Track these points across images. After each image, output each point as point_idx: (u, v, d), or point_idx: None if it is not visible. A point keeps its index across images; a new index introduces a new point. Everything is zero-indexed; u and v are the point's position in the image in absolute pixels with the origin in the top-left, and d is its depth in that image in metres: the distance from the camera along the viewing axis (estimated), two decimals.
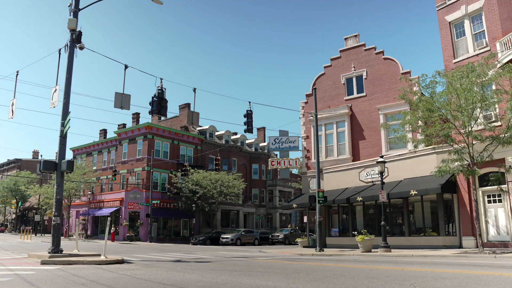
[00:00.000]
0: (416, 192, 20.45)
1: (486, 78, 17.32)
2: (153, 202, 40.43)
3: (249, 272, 8.86)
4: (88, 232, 46.52)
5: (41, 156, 75.00)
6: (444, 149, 19.20)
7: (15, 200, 63.76)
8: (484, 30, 21.06)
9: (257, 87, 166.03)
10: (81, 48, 14.26)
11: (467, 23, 21.81)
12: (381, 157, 21.06)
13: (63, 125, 13.49)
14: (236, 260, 13.89)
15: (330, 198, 24.47)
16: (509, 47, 19.11)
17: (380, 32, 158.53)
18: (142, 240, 40.55)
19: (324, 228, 25.98)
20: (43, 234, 54.84)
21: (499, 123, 18.30)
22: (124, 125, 53.43)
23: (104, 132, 56.73)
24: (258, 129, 61.91)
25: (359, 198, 23.27)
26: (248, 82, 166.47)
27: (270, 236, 40.70)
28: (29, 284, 6.79)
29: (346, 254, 18.35)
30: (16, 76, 17.19)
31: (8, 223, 76.20)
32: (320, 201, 21.82)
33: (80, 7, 14.44)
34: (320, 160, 24.40)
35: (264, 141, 59.50)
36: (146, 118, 54.33)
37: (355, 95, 28.36)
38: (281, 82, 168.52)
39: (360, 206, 25.28)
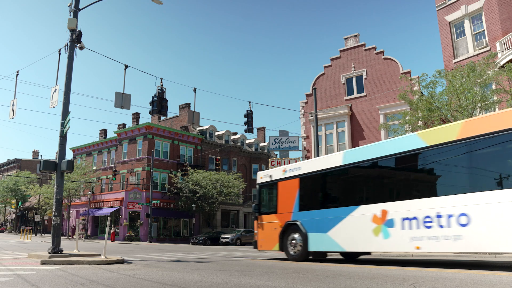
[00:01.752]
0: None
1: (485, 77, 17.31)
2: (153, 202, 40.46)
3: (249, 272, 8.86)
4: (88, 232, 46.53)
5: (41, 156, 75.02)
6: None
7: (15, 200, 63.79)
8: (484, 30, 21.08)
9: (257, 87, 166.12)
10: (81, 48, 14.25)
11: (467, 23, 21.82)
12: None
13: (63, 125, 13.48)
14: (236, 260, 13.89)
15: None
16: (509, 47, 19.12)
17: (380, 32, 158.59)
18: (142, 240, 40.57)
19: None
20: (43, 234, 54.87)
21: None
22: (124, 125, 53.46)
23: (104, 132, 56.75)
24: (258, 129, 61.90)
25: None
26: (248, 82, 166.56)
27: None
28: (29, 284, 6.79)
29: None
30: (16, 76, 17.19)
31: (8, 223, 76.21)
32: None
33: (80, 7, 14.42)
34: None
35: (264, 141, 59.50)
36: (146, 118, 54.48)
37: (355, 95, 28.38)
38: (281, 82, 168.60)
39: None
